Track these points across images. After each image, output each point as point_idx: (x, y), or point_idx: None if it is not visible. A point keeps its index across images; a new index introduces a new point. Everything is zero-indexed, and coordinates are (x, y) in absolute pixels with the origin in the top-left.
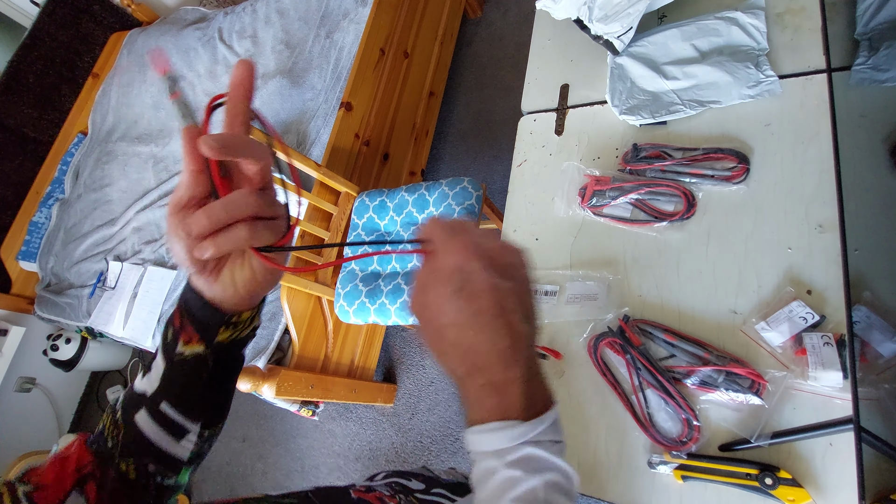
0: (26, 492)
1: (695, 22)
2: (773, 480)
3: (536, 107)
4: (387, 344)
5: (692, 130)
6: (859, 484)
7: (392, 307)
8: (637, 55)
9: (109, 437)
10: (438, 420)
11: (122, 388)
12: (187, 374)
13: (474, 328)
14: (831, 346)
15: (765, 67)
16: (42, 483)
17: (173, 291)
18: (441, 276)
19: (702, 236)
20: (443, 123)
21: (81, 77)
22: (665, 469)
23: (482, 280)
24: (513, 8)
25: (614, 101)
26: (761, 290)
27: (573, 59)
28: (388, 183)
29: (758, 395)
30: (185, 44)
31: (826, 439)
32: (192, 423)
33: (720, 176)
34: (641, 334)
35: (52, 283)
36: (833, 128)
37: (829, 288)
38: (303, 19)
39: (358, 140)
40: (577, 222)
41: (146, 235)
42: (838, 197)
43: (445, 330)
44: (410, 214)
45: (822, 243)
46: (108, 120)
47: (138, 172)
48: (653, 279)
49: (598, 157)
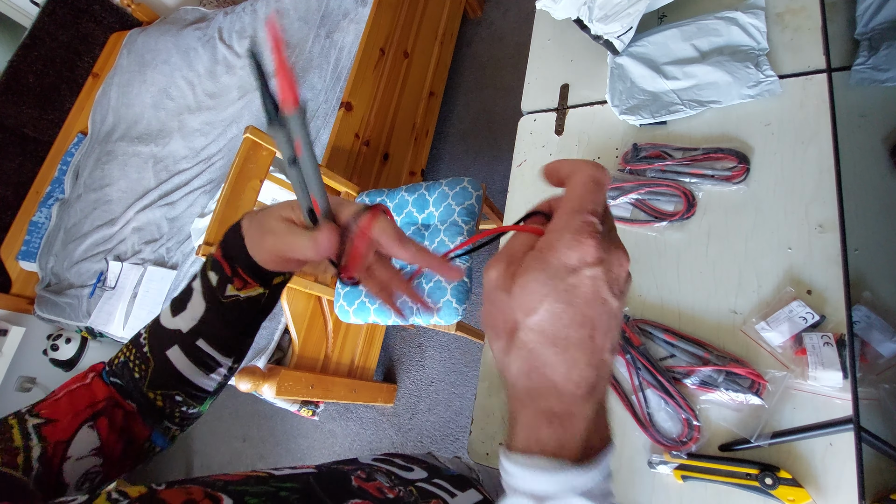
0: (36, 425)
1: (695, 22)
2: (773, 480)
3: (536, 107)
4: (387, 344)
5: (692, 130)
6: (859, 484)
7: None
8: (637, 55)
9: (136, 369)
10: (438, 420)
11: None
12: (235, 314)
13: (560, 344)
14: (831, 345)
15: (765, 67)
16: (52, 417)
17: (173, 291)
18: (551, 265)
19: (702, 236)
20: (443, 123)
21: (81, 77)
22: (665, 469)
23: (595, 293)
24: (513, 8)
25: (614, 101)
26: (761, 290)
27: (573, 59)
28: (388, 183)
29: (758, 395)
30: (185, 44)
31: (826, 439)
32: (225, 358)
33: (720, 176)
34: (641, 334)
35: (52, 282)
36: (833, 128)
37: (829, 288)
38: (303, 19)
39: (358, 140)
40: None
41: (146, 235)
42: (838, 197)
43: (524, 331)
44: (410, 214)
45: (822, 243)
46: (108, 120)
47: (138, 172)
48: (653, 279)
49: (598, 157)
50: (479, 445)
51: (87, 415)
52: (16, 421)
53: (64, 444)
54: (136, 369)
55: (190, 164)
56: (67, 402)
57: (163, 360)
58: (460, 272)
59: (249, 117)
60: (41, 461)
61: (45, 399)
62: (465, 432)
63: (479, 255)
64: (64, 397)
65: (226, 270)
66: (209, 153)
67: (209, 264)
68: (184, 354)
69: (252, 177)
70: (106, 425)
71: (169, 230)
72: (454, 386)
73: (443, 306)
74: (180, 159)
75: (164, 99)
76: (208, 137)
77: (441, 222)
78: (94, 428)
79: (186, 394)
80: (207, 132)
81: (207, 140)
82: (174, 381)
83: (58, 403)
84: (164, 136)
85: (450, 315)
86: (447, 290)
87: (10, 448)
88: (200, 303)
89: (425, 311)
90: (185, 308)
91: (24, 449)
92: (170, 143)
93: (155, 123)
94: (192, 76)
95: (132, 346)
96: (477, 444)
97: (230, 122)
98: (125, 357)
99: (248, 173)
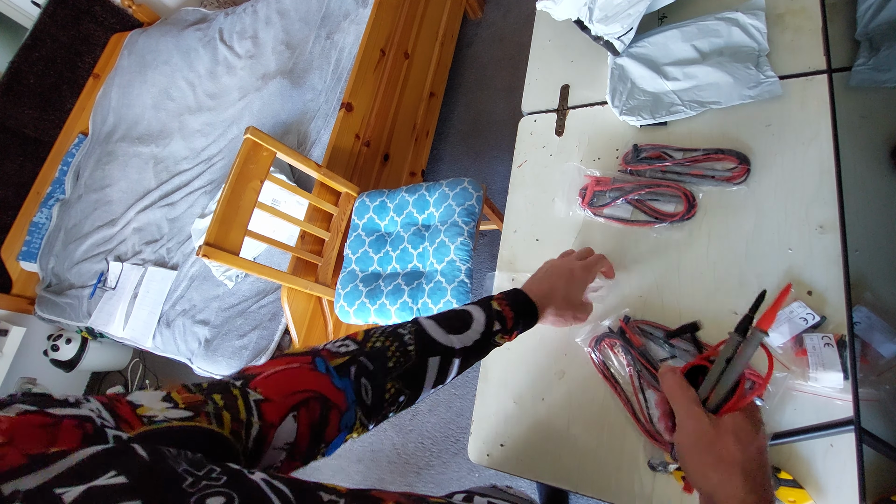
0: (256, 400)
1: (695, 23)
2: (774, 481)
3: (537, 107)
4: None
5: (693, 131)
6: (860, 485)
7: (392, 307)
8: (637, 56)
9: (393, 360)
10: (439, 421)
11: (123, 388)
12: (483, 351)
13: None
14: (832, 346)
15: (765, 68)
16: (267, 395)
17: (173, 292)
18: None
19: (702, 237)
20: (443, 124)
21: (82, 78)
22: (665, 470)
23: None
24: (513, 9)
25: (615, 102)
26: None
27: (573, 60)
28: (389, 183)
29: (758, 396)
30: (185, 44)
31: (827, 440)
32: (447, 381)
33: (720, 176)
34: (642, 335)
35: (53, 283)
36: (833, 128)
37: (829, 289)
38: (303, 20)
39: (358, 140)
40: (577, 223)
41: (146, 236)
42: (839, 197)
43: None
44: (411, 215)
45: (822, 244)
46: (109, 120)
47: (139, 173)
48: (653, 280)
49: (598, 158)
50: (479, 447)
51: (296, 400)
52: (240, 393)
53: (274, 429)
54: (392, 359)
55: (190, 164)
56: (280, 382)
57: (423, 363)
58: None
59: (250, 118)
60: (256, 441)
61: (255, 373)
62: (465, 433)
63: (480, 255)
64: (275, 375)
65: (508, 325)
66: (210, 154)
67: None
68: (438, 365)
69: (252, 177)
70: (306, 418)
71: (169, 231)
72: (454, 387)
73: (443, 306)
74: (181, 160)
75: (164, 99)
76: (209, 138)
77: (441, 223)
78: (297, 419)
79: (409, 396)
80: (208, 133)
81: (208, 140)
82: (414, 382)
83: (269, 381)
84: (164, 137)
85: None
86: (447, 291)
87: (238, 418)
88: (476, 335)
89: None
90: (460, 332)
91: (246, 425)
92: (170, 144)
93: (155, 124)
94: (192, 77)
95: (393, 339)
96: (477, 446)
97: (231, 122)
98: (382, 345)
99: (248, 174)
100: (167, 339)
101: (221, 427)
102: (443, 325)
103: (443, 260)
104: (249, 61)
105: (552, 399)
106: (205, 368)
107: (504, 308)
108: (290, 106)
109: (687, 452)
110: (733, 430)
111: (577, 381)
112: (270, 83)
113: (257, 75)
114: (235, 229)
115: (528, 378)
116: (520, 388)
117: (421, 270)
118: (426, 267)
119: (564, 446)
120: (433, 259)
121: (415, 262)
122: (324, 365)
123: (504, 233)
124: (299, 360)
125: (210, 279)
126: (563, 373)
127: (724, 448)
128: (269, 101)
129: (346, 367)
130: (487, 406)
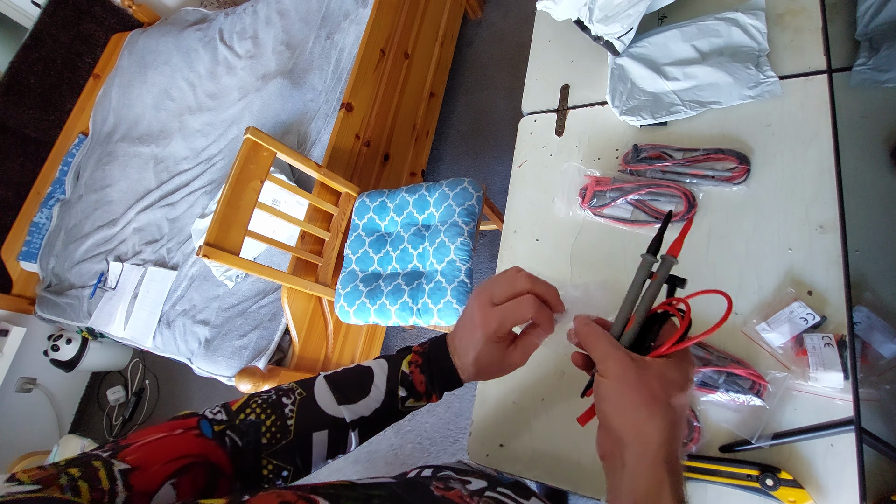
0: (122, 470)
1: (695, 23)
2: (774, 481)
3: (537, 107)
4: (387, 344)
5: (693, 131)
6: (860, 485)
7: (392, 308)
8: (637, 56)
9: (267, 436)
10: (437, 421)
11: (123, 388)
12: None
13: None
14: (832, 346)
15: (765, 68)
16: (141, 465)
17: (173, 292)
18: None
19: (702, 237)
20: (443, 124)
21: (82, 78)
22: None
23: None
24: (513, 9)
25: (615, 102)
26: (762, 291)
27: (574, 60)
28: (389, 184)
29: (758, 395)
30: (185, 44)
31: (827, 440)
32: (355, 447)
33: (721, 177)
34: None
35: (53, 283)
36: (833, 128)
37: (829, 289)
38: (303, 20)
39: (358, 141)
40: (577, 223)
41: (147, 236)
42: (839, 197)
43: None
44: (411, 215)
45: (822, 244)
46: (109, 121)
47: (139, 173)
48: None
49: (598, 158)
50: (478, 447)
51: (174, 468)
52: (102, 465)
53: (148, 498)
54: (266, 435)
55: (191, 164)
56: (155, 450)
57: (304, 439)
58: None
59: (250, 118)
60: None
61: (129, 442)
62: (464, 434)
63: (480, 255)
64: (152, 444)
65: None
66: (210, 154)
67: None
68: (328, 440)
69: (253, 177)
70: (188, 484)
71: (170, 231)
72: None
73: (443, 306)
74: (181, 160)
75: (164, 100)
76: (209, 138)
77: (441, 223)
78: (176, 487)
79: (295, 472)
80: (208, 133)
81: (208, 141)
82: (298, 458)
83: (143, 449)
84: (164, 137)
85: (450, 315)
86: (447, 291)
87: (98, 488)
88: (377, 403)
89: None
90: (353, 401)
91: (109, 493)
92: (170, 144)
93: (156, 124)
94: (192, 77)
95: (271, 412)
96: (476, 446)
97: (231, 122)
98: (257, 418)
99: (248, 174)
100: (167, 339)
101: (78, 496)
102: (336, 391)
103: (443, 260)
104: (249, 61)
105: (552, 399)
106: (205, 368)
107: (414, 371)
108: (290, 106)
109: (607, 393)
110: (660, 374)
111: (577, 380)
112: (270, 83)
113: (257, 75)
114: (235, 229)
115: (527, 378)
116: (519, 389)
117: (421, 270)
118: (426, 267)
119: (564, 446)
120: (433, 259)
121: (415, 262)
122: (209, 429)
123: (504, 233)
124: (183, 426)
125: (210, 279)
126: (562, 373)
127: (648, 389)
128: (270, 102)
129: (221, 436)
130: (487, 406)
